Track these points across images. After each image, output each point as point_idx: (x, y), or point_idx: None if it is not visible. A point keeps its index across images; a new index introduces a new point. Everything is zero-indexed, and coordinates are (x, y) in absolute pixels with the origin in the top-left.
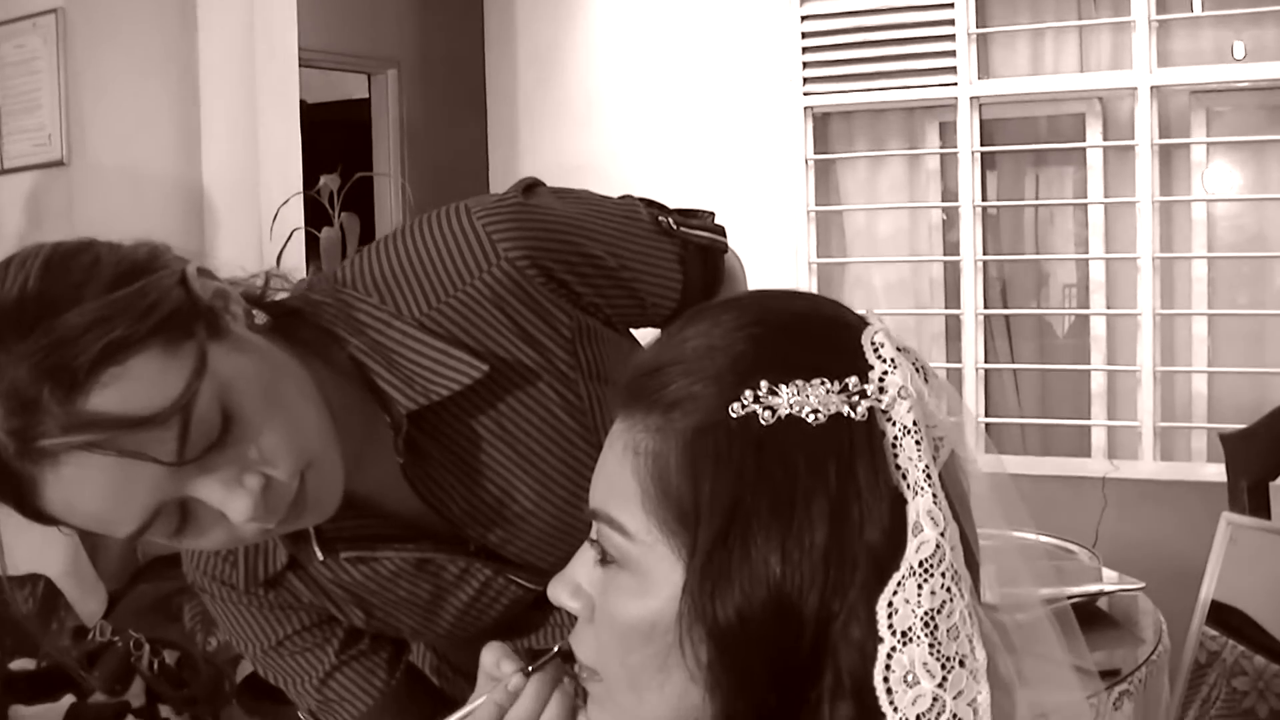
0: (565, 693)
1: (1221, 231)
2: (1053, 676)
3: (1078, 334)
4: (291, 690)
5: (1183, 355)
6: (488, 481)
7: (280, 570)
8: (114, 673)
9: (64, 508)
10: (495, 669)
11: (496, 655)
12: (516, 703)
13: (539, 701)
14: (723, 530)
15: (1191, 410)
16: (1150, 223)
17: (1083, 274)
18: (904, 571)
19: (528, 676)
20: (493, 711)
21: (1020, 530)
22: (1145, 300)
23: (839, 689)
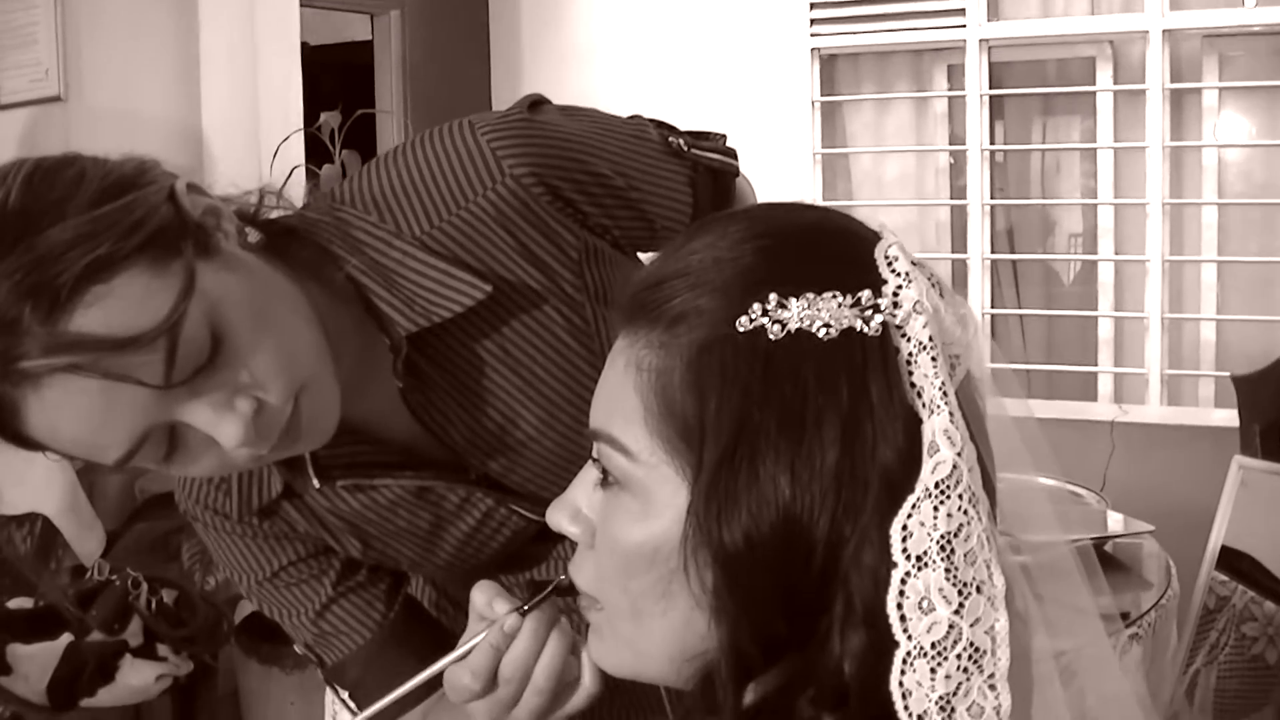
0: (564, 631)
1: (1231, 178)
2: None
3: (1084, 281)
4: (287, 623)
5: (1191, 302)
6: (490, 408)
7: (275, 499)
8: (112, 612)
9: (47, 432)
10: (488, 609)
11: (488, 595)
12: (513, 644)
13: (536, 641)
14: (729, 449)
15: (1200, 357)
16: (1160, 168)
17: (1090, 223)
18: (919, 493)
19: (523, 616)
20: (488, 654)
21: (1036, 473)
22: (1154, 246)
23: (850, 616)
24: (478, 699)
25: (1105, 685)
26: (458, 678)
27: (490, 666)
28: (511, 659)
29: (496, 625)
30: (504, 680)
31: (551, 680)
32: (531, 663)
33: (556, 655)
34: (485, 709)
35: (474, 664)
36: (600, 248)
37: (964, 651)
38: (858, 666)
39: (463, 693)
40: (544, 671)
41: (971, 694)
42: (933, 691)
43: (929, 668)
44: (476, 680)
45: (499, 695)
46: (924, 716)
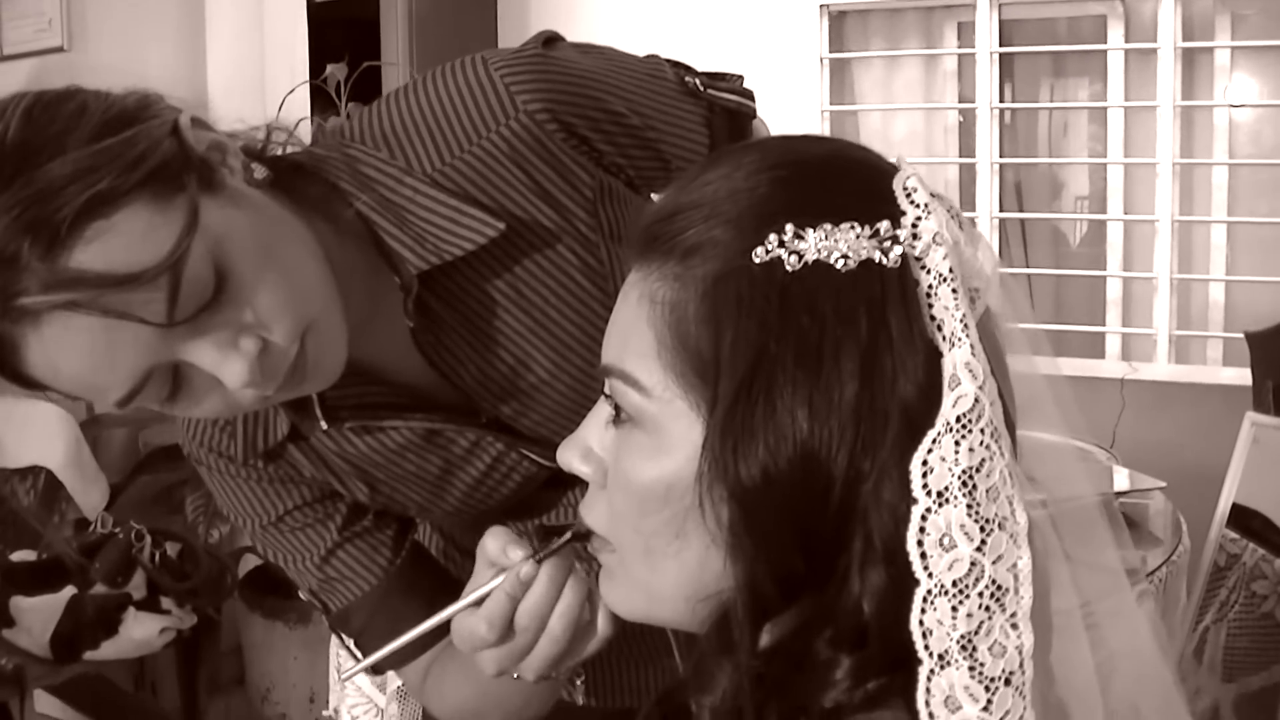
0: (580, 578)
1: (1242, 139)
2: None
3: (1092, 243)
4: (291, 568)
5: (1200, 263)
6: (501, 349)
7: (280, 441)
8: (115, 564)
9: (48, 371)
10: (501, 556)
11: (501, 541)
12: (529, 592)
13: (553, 588)
14: (746, 382)
15: (1208, 318)
16: (1171, 128)
17: (1097, 186)
18: (940, 428)
19: (539, 563)
20: (503, 603)
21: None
22: (1164, 206)
23: (869, 554)
24: (491, 648)
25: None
26: (470, 626)
27: (506, 615)
28: (527, 607)
29: (512, 572)
30: (520, 629)
31: (569, 629)
32: (548, 611)
33: (574, 603)
34: (496, 658)
35: (489, 612)
36: (615, 187)
37: (986, 589)
38: (877, 605)
39: (475, 641)
40: (560, 620)
41: (993, 633)
42: (954, 630)
43: (950, 606)
44: (492, 630)
45: (514, 644)
46: (945, 656)
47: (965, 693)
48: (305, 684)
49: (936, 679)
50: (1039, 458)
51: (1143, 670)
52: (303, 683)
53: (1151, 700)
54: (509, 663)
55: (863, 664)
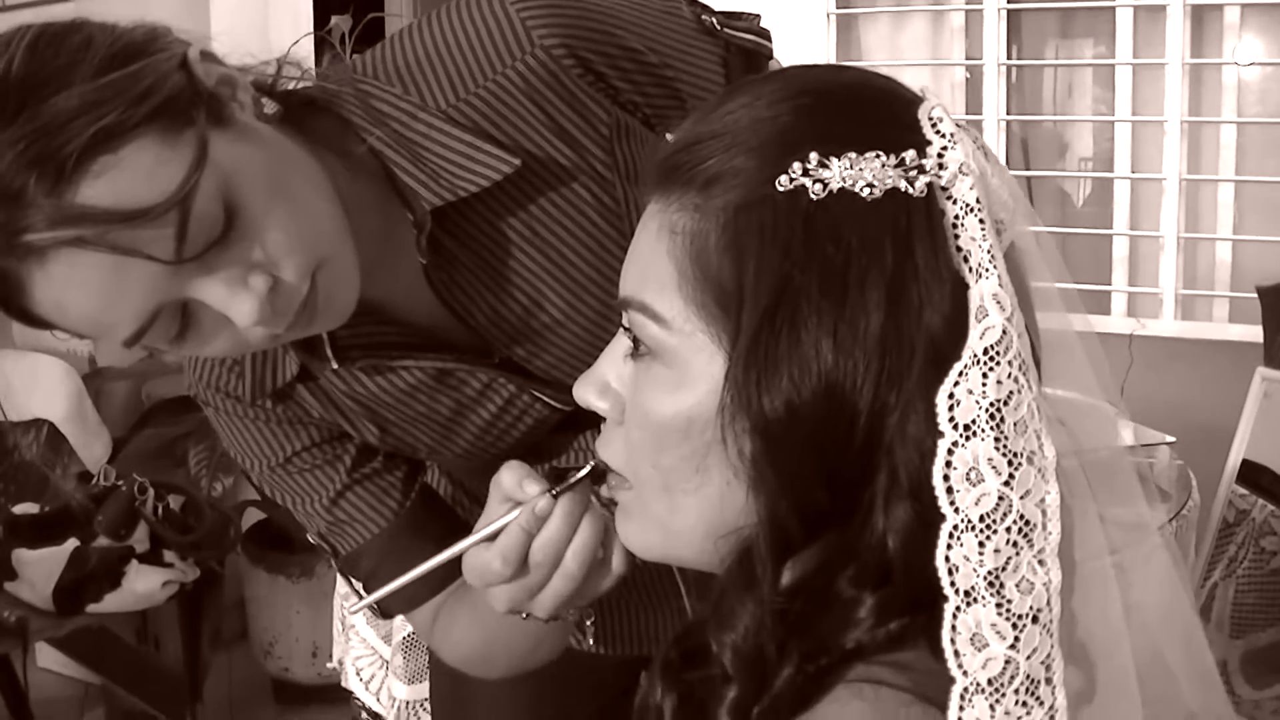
0: (596, 515)
1: (1251, 98)
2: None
3: (1098, 203)
4: (299, 511)
5: (1207, 222)
6: (515, 289)
7: (289, 381)
8: (118, 517)
9: (54, 309)
10: (517, 490)
11: (518, 476)
12: (544, 527)
13: (569, 525)
14: (769, 312)
15: (1215, 277)
16: (1179, 85)
17: (1102, 149)
18: (966, 360)
19: (556, 499)
20: (518, 537)
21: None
22: (1171, 165)
23: (894, 489)
24: (504, 583)
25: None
26: (484, 561)
27: (520, 550)
28: (543, 543)
29: (527, 507)
30: (534, 565)
31: (584, 566)
32: (563, 547)
33: (589, 539)
34: (509, 594)
35: (503, 547)
36: (632, 125)
37: (1014, 525)
38: (902, 541)
39: (489, 576)
40: (576, 557)
41: (1021, 569)
42: (981, 566)
43: (977, 541)
44: (507, 565)
45: (527, 580)
46: (971, 592)
47: (992, 630)
48: (308, 638)
49: (962, 616)
50: (1056, 409)
51: (1166, 617)
52: (305, 637)
53: (1174, 647)
54: (521, 599)
55: (886, 602)
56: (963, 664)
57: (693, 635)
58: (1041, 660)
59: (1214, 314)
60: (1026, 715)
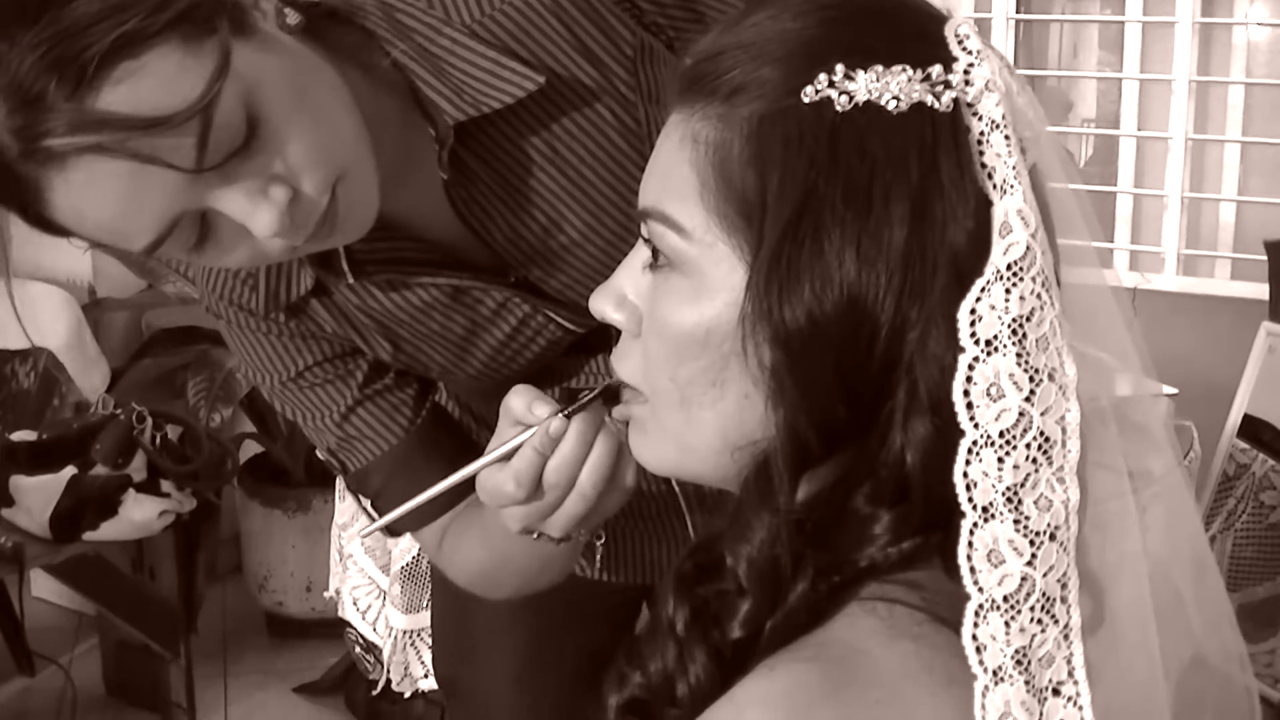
0: (610, 434)
1: (1260, 59)
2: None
3: (1101, 162)
4: (310, 426)
5: (1212, 182)
6: (534, 208)
7: (303, 295)
8: (116, 446)
9: (73, 216)
10: (526, 413)
11: (527, 399)
12: (558, 449)
13: (583, 446)
14: (793, 223)
15: (1218, 238)
16: (1189, 43)
17: (1106, 110)
18: (989, 276)
19: (569, 419)
20: (532, 459)
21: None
22: (1178, 124)
23: (914, 404)
24: (518, 505)
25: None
26: (498, 483)
27: (534, 472)
28: (557, 464)
29: (541, 428)
30: (549, 486)
31: (598, 486)
32: (577, 468)
33: (604, 460)
34: (523, 514)
35: (517, 469)
36: (655, 47)
37: (1034, 441)
38: (920, 456)
39: (502, 499)
40: (590, 477)
41: (1039, 486)
42: (999, 482)
43: (996, 457)
44: (520, 488)
45: (541, 501)
46: (989, 508)
47: (1009, 546)
48: (303, 572)
49: (979, 532)
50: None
51: (1182, 554)
52: (300, 571)
53: (1189, 583)
54: (535, 519)
55: (902, 519)
56: (978, 580)
57: (707, 549)
58: (1058, 578)
59: (1216, 274)
60: (1041, 633)
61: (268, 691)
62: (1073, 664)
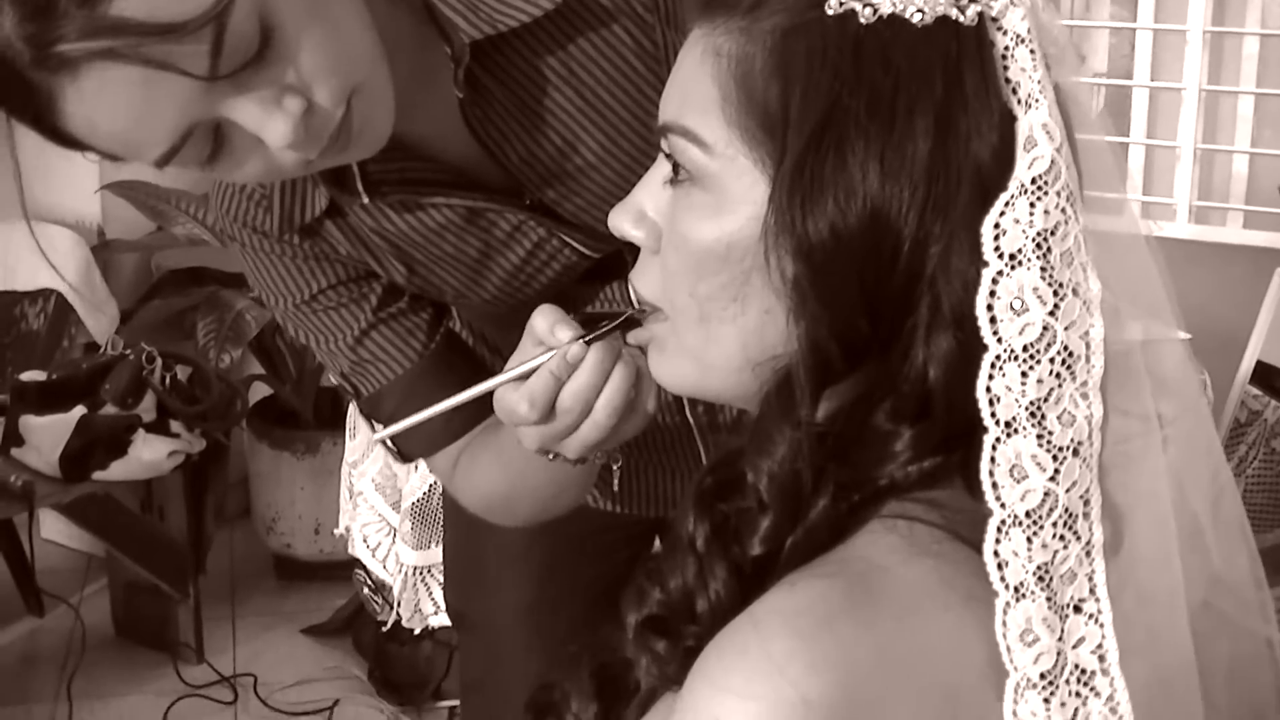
0: (628, 363)
1: (1275, 10)
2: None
3: (1114, 114)
4: (323, 349)
5: (1225, 134)
6: (550, 129)
7: (318, 216)
8: (125, 386)
9: (85, 125)
10: (549, 335)
11: (551, 320)
12: (575, 375)
13: (600, 374)
14: (816, 134)
15: (1229, 190)
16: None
17: (1117, 65)
18: (1013, 190)
19: (588, 345)
20: (548, 382)
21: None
22: (1192, 74)
23: (936, 318)
24: (531, 426)
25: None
26: (512, 403)
27: (549, 395)
28: (572, 390)
29: (559, 353)
30: (562, 411)
31: (613, 416)
32: (593, 396)
33: (620, 390)
34: (537, 435)
35: (531, 391)
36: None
37: (1057, 355)
38: (943, 371)
39: (515, 418)
40: (605, 407)
41: (1063, 401)
42: (1023, 397)
43: (1020, 372)
44: (533, 410)
45: (555, 425)
46: (1012, 423)
47: (1032, 461)
48: (311, 515)
49: (1002, 447)
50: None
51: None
52: (308, 514)
53: (1206, 507)
54: (550, 442)
55: (923, 436)
56: (1000, 496)
57: (727, 466)
58: (1080, 495)
59: (1226, 226)
60: (1063, 549)
61: (275, 633)
62: (1094, 581)
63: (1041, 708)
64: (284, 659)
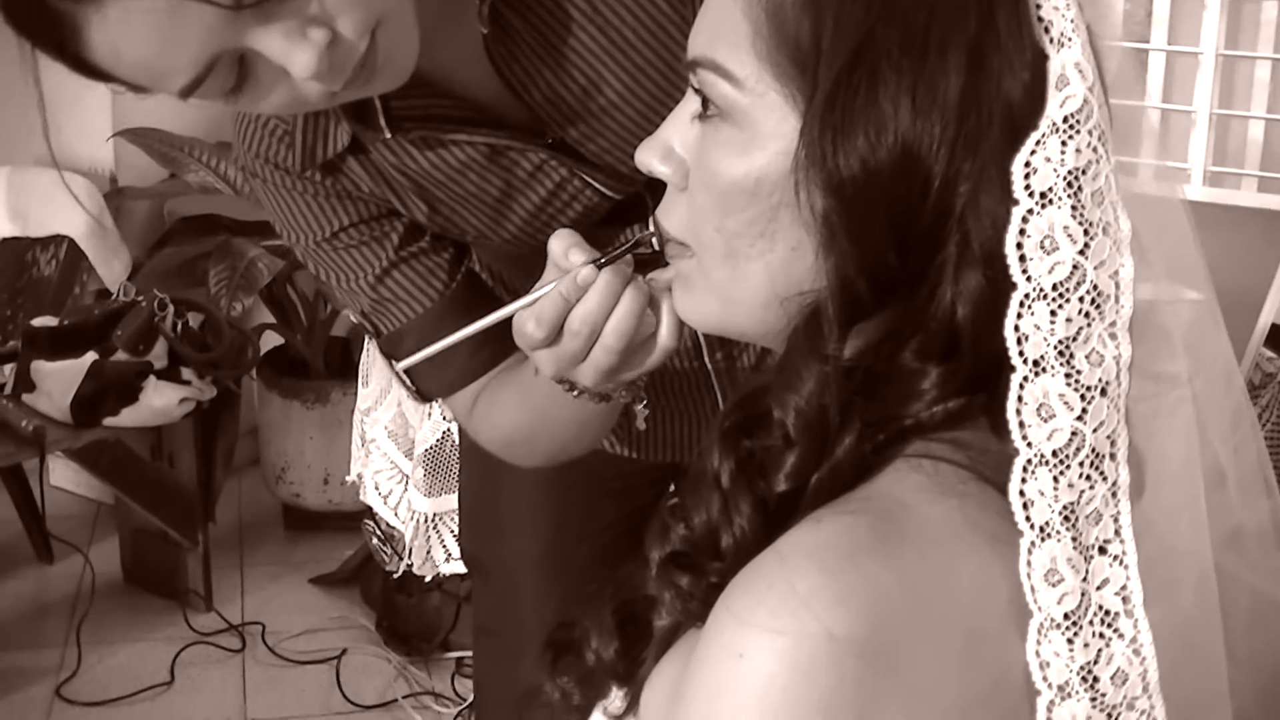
0: (639, 290)
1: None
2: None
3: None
4: (343, 288)
5: (1241, 100)
6: (574, 68)
7: (340, 153)
8: (137, 332)
9: (110, 55)
10: (563, 258)
11: (566, 244)
12: (584, 297)
13: (608, 297)
14: (847, 70)
15: (1245, 156)
16: None
17: (1132, 30)
18: (1045, 128)
19: (598, 269)
20: (558, 304)
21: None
22: (1209, 39)
23: (965, 256)
24: (543, 348)
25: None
26: (522, 321)
27: (557, 316)
28: (580, 313)
29: (570, 275)
30: (570, 333)
31: (621, 340)
32: (601, 319)
33: (628, 315)
34: (551, 360)
35: (540, 310)
36: None
37: (1087, 294)
38: (971, 309)
39: (526, 339)
40: (614, 330)
41: (1091, 340)
42: (1051, 335)
43: (1049, 310)
44: (539, 328)
45: (565, 347)
46: (1040, 361)
47: (1060, 400)
48: (320, 465)
49: (1030, 386)
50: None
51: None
52: (317, 463)
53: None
54: (564, 366)
55: (950, 375)
56: (1027, 435)
57: (752, 402)
58: (1107, 434)
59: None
60: (1089, 489)
61: (283, 582)
62: (1120, 522)
63: (1065, 648)
64: (292, 608)
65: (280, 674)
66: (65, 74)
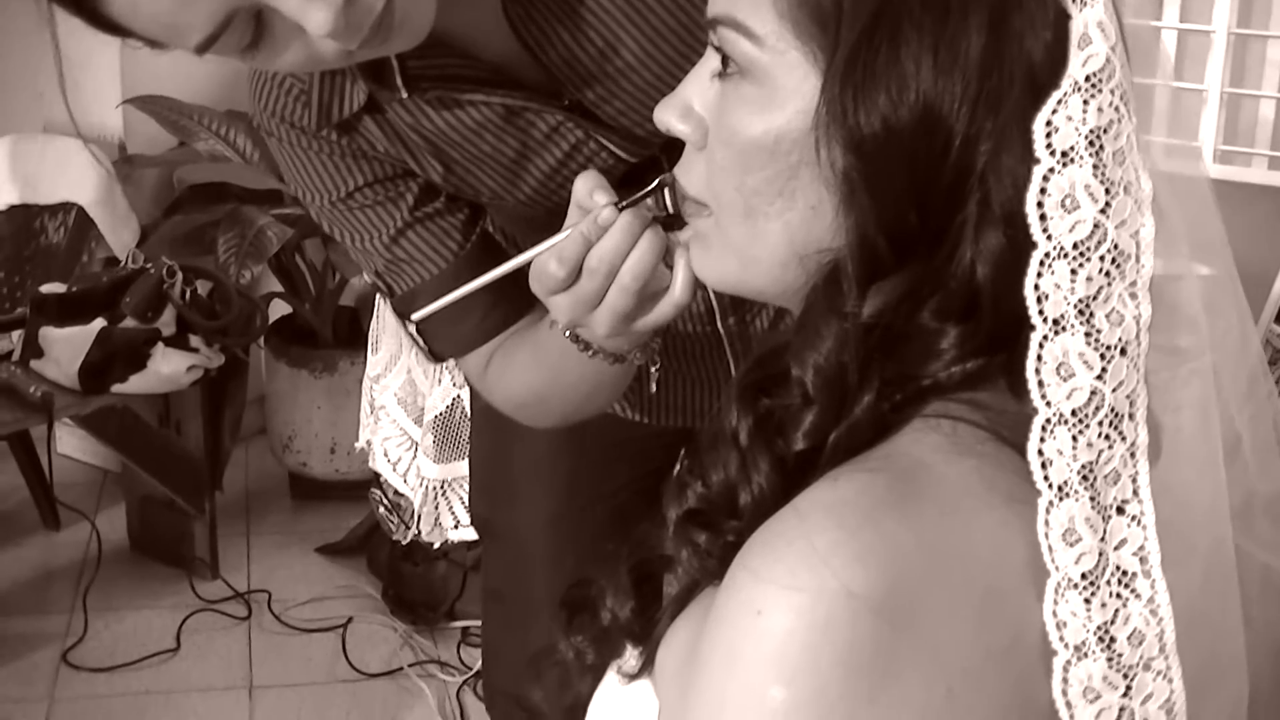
0: (658, 235)
1: None
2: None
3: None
4: (358, 247)
5: (1252, 80)
6: (591, 29)
7: (356, 112)
8: (145, 299)
9: (127, 8)
10: (586, 199)
11: (590, 184)
12: (604, 237)
13: (628, 237)
14: (869, 28)
15: (1255, 135)
16: None
17: (1149, 8)
18: (1067, 87)
19: (619, 210)
20: (578, 243)
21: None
22: (1221, 18)
23: (986, 215)
24: (561, 289)
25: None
26: (543, 264)
27: (578, 255)
28: (599, 251)
29: (591, 216)
30: (588, 271)
31: (638, 280)
32: (619, 260)
33: (647, 254)
34: (568, 303)
35: (560, 249)
36: None
37: (1108, 254)
38: (991, 268)
39: (547, 280)
40: (631, 270)
41: (1112, 300)
42: (1072, 294)
43: (1069, 269)
44: (561, 267)
45: (582, 287)
46: (1060, 320)
47: (1079, 359)
48: (327, 434)
49: (1049, 345)
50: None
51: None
52: (325, 433)
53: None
54: (580, 311)
55: (969, 335)
56: (1046, 395)
57: (771, 361)
58: (1127, 394)
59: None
60: (1108, 449)
61: (289, 551)
62: (1138, 483)
63: (1082, 608)
64: (298, 577)
65: (286, 642)
66: (75, 41)
